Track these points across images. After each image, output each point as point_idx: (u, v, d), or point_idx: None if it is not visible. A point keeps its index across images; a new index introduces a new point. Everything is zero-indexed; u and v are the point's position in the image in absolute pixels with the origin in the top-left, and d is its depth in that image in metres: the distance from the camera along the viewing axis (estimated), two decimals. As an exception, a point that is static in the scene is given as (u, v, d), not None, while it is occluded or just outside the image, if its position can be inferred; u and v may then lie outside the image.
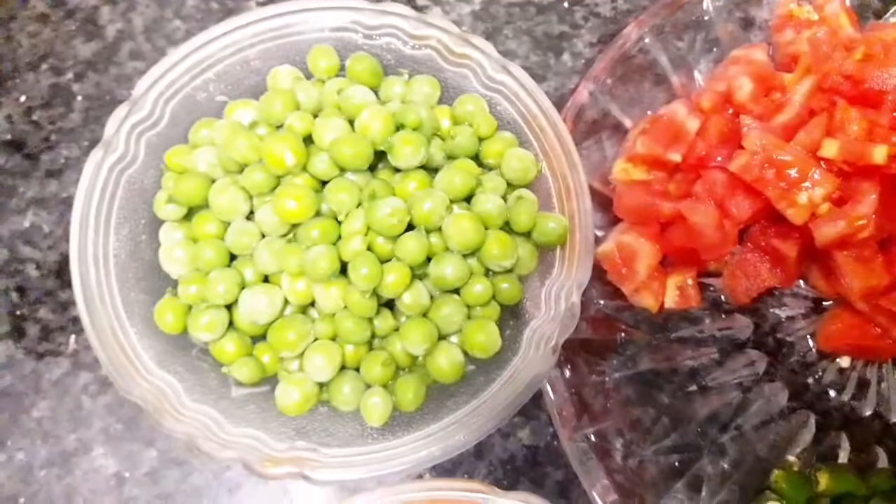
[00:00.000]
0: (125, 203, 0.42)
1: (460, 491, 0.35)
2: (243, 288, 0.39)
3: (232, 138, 0.39)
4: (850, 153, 0.42)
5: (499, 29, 0.57)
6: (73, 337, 0.48)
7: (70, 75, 0.58)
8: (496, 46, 0.55)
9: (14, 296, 0.49)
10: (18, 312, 0.49)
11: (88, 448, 0.46)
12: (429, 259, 0.39)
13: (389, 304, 0.40)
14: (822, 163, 0.43)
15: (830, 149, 0.43)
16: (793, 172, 0.43)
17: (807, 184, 0.43)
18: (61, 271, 0.50)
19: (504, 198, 0.41)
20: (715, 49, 0.53)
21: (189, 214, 0.41)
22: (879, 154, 0.41)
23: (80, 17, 0.60)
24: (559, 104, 0.47)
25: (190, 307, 0.39)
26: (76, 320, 0.48)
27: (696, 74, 0.52)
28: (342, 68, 0.45)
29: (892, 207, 0.44)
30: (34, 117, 0.56)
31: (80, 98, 0.57)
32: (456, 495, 0.35)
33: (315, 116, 0.41)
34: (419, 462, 0.36)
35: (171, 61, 0.44)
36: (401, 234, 0.38)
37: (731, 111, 0.49)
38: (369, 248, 0.38)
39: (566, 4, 0.58)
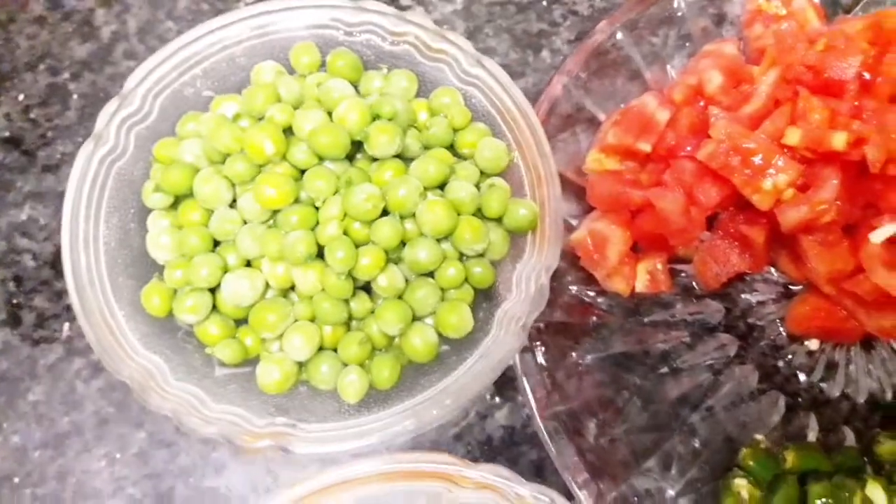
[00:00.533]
0: (115, 193, 0.43)
1: (432, 463, 0.37)
2: (226, 272, 0.41)
3: (216, 130, 0.41)
4: (811, 140, 0.43)
5: (480, 27, 0.59)
6: (66, 324, 0.50)
7: (66, 75, 0.60)
8: (477, 44, 0.57)
9: (11, 285, 0.51)
10: (15, 301, 0.51)
11: (81, 430, 0.47)
12: (404, 244, 0.41)
13: (367, 288, 0.42)
14: (785, 150, 0.45)
15: (793, 137, 0.44)
16: (757, 160, 0.44)
17: (771, 170, 0.44)
18: (56, 262, 0.51)
19: (477, 185, 0.43)
20: (688, 44, 0.54)
21: (175, 203, 0.43)
22: (839, 141, 0.43)
23: (76, 19, 0.62)
24: (537, 99, 0.49)
25: (175, 291, 0.41)
26: (70, 308, 0.50)
27: (670, 69, 0.54)
28: (324, 64, 0.47)
29: (856, 194, 0.46)
30: (32, 115, 0.58)
31: (75, 96, 0.59)
32: (428, 467, 0.37)
33: (296, 109, 0.43)
34: (394, 436, 0.38)
35: (159, 58, 0.46)
36: (376, 220, 0.39)
37: (702, 103, 0.50)
38: (345, 233, 0.39)
39: (545, 3, 0.60)
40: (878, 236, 0.45)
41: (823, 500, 0.42)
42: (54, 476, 0.46)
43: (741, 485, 0.43)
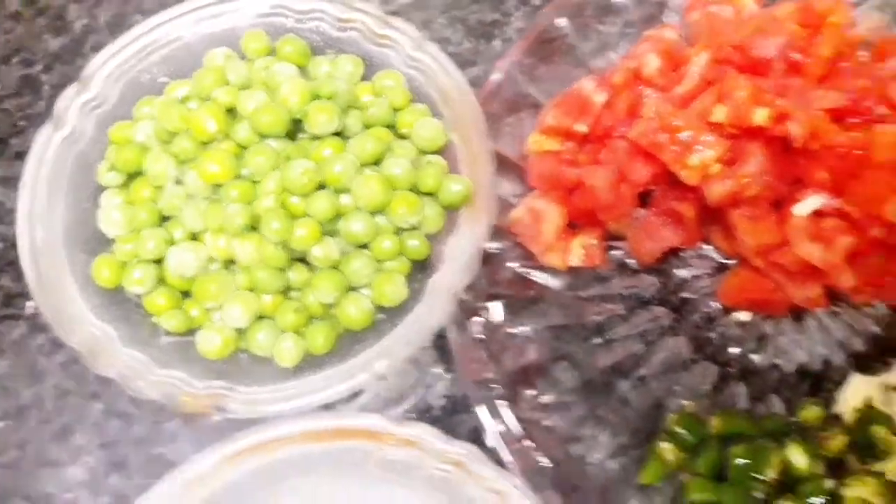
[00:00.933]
0: (72, 174, 0.46)
1: (358, 421, 0.39)
2: (172, 245, 0.43)
3: (164, 110, 0.44)
4: (735, 116, 0.45)
5: (434, 17, 0.61)
6: (30, 302, 0.52)
7: (39, 67, 0.62)
8: (431, 34, 0.59)
9: (-22, 265, 0.53)
10: (-18, 280, 0.53)
11: (41, 402, 0.50)
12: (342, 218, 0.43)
13: (305, 260, 0.44)
14: (712, 128, 0.47)
15: (719, 114, 0.46)
16: (685, 137, 0.46)
17: (698, 147, 0.46)
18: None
19: (414, 163, 0.45)
20: (632, 31, 0.56)
21: (128, 182, 0.45)
22: (761, 116, 0.45)
23: (50, 14, 0.65)
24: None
25: (124, 264, 0.43)
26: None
27: (613, 56, 0.56)
28: (273, 50, 0.49)
29: (783, 170, 0.48)
30: (5, 105, 0.60)
31: (47, 87, 0.61)
32: (355, 424, 0.39)
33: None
34: (327, 398, 0.40)
35: (118, 46, 0.48)
36: (312, 193, 0.41)
37: (641, 87, 0.52)
38: (283, 207, 0.41)
39: (498, -7, 0.62)
40: (801, 209, 0.47)
41: (743, 460, 0.44)
42: (15, 445, 0.49)
43: (667, 448, 0.45)
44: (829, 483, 0.44)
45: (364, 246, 0.43)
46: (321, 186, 0.42)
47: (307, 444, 0.39)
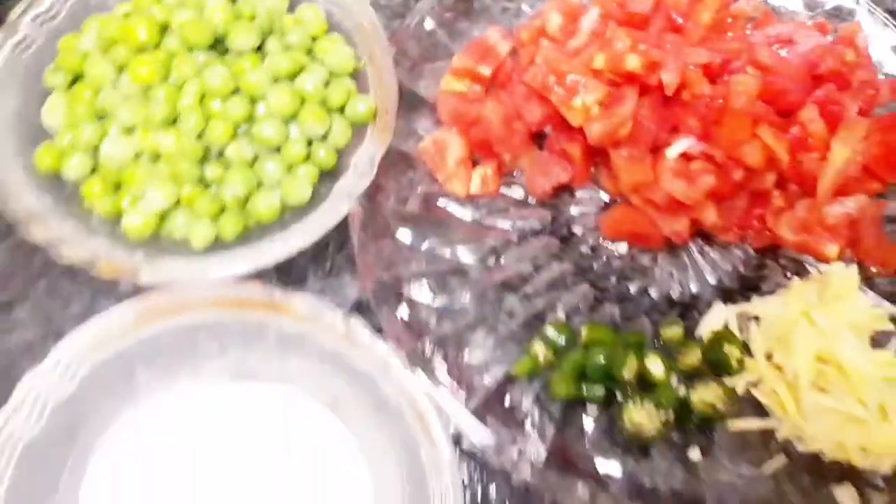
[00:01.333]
0: (22, 77, 0.51)
1: (253, 290, 0.45)
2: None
3: (106, 23, 0.50)
4: (611, 63, 0.52)
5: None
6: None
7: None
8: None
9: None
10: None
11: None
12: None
13: (225, 160, 0.49)
14: (594, 74, 0.53)
15: (599, 61, 0.52)
16: (571, 81, 0.52)
17: (581, 90, 0.52)
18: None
19: (327, 84, 0.51)
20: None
21: (71, 85, 0.51)
22: (633, 62, 0.51)
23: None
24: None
25: (63, 152, 0.49)
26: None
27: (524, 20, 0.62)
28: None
29: (662, 119, 0.54)
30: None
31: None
32: (256, 295, 0.45)
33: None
34: (231, 274, 0.46)
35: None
36: (228, 98, 0.47)
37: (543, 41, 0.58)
38: (202, 107, 0.47)
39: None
40: (672, 151, 0.53)
41: (600, 359, 0.49)
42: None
43: (539, 348, 0.51)
44: (681, 390, 0.50)
45: (277, 151, 0.49)
46: (237, 92, 0.48)
47: (218, 309, 0.44)
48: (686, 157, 0.53)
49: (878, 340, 0.51)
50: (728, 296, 0.55)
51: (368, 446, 0.46)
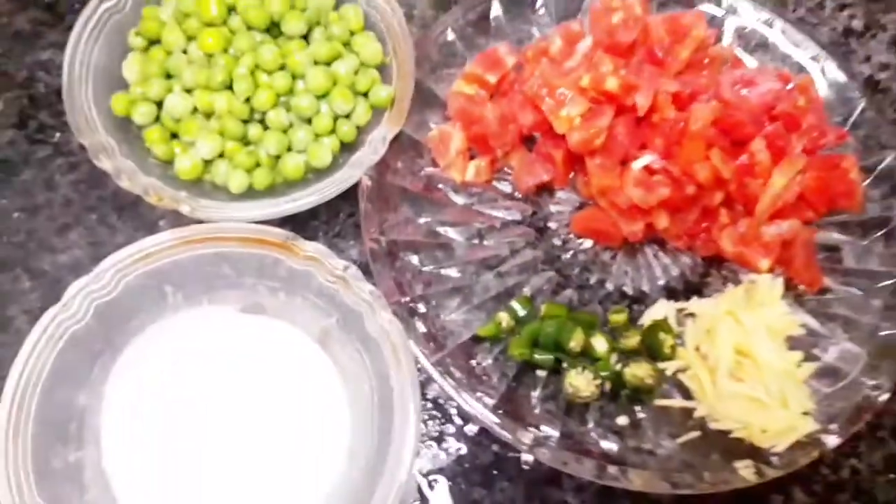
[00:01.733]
0: (108, 35, 0.62)
1: (273, 232, 0.54)
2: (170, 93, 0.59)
3: (183, -1, 0.60)
4: (594, 82, 0.61)
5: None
6: (59, 134, 0.68)
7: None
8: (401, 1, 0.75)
9: (25, 101, 0.70)
10: (26, 112, 0.69)
11: (51, 205, 0.65)
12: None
13: (265, 124, 0.60)
14: (581, 91, 0.63)
15: (585, 80, 0.62)
16: (560, 95, 0.62)
17: (568, 103, 0.62)
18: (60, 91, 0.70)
19: (357, 71, 0.61)
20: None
21: (148, 47, 0.62)
22: (611, 83, 0.60)
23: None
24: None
25: (134, 101, 0.59)
26: (65, 123, 0.68)
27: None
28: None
29: (634, 137, 0.63)
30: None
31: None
32: (270, 235, 0.54)
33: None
34: (257, 218, 0.56)
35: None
36: (275, 72, 0.58)
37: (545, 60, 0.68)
38: (252, 76, 0.58)
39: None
40: (637, 163, 0.62)
41: (551, 329, 0.58)
42: (25, 231, 0.64)
43: (503, 316, 0.60)
44: (618, 366, 0.59)
45: (309, 122, 0.60)
46: (283, 69, 0.58)
47: (241, 245, 0.53)
48: (649, 169, 0.62)
49: (795, 345, 0.59)
50: (672, 295, 0.64)
51: (349, 374, 0.55)
